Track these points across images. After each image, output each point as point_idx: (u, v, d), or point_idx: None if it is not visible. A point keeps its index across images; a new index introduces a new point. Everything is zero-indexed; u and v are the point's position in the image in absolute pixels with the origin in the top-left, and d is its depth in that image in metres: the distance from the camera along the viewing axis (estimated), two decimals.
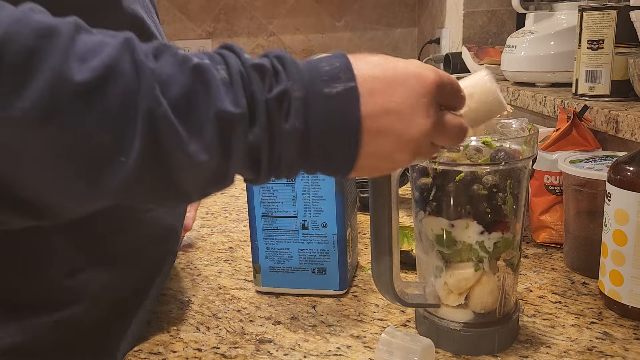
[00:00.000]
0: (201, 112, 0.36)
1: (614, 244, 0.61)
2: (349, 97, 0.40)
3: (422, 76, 0.43)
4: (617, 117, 0.83)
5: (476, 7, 1.59)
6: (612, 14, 0.91)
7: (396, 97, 0.41)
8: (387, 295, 0.55)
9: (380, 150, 0.42)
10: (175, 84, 0.36)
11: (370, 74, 0.41)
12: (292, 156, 0.40)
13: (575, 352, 0.56)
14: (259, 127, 0.38)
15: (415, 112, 0.42)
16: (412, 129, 0.42)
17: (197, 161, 0.36)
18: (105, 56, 0.34)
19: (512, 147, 0.53)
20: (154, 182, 0.37)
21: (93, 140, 0.34)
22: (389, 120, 0.41)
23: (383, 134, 0.41)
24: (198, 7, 1.97)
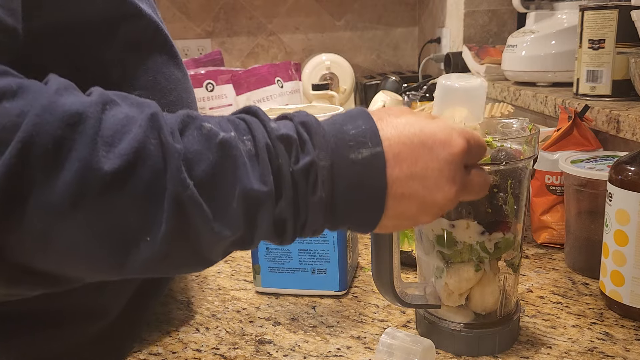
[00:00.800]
0: (227, 190, 0.36)
1: (615, 245, 0.60)
2: (375, 163, 0.40)
3: (449, 144, 0.42)
4: (618, 117, 0.82)
5: (477, 6, 1.58)
6: (613, 14, 0.91)
7: (422, 163, 0.41)
8: (388, 295, 0.55)
9: (404, 213, 0.42)
10: (202, 161, 0.35)
11: (397, 139, 0.41)
12: (319, 224, 0.40)
13: (576, 353, 0.55)
14: (285, 201, 0.38)
15: (440, 179, 0.42)
16: (436, 196, 0.42)
17: (221, 237, 0.37)
18: (132, 140, 0.34)
19: (513, 147, 0.53)
20: (179, 258, 0.37)
21: (120, 224, 0.34)
22: (414, 186, 0.41)
23: (407, 199, 0.41)
24: (197, 6, 1.97)
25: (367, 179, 0.40)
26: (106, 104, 0.35)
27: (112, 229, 0.34)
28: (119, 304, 0.57)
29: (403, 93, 1.65)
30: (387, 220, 0.42)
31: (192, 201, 0.35)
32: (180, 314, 0.66)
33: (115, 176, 0.33)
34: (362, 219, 0.42)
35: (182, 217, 0.35)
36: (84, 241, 0.34)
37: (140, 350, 0.59)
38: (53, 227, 0.33)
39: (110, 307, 0.56)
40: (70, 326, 0.53)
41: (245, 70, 1.35)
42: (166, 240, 0.35)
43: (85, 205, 0.33)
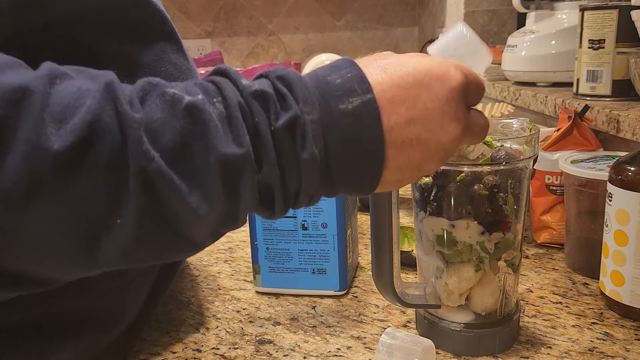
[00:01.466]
0: (200, 159, 0.32)
1: (615, 244, 0.60)
2: (368, 111, 0.36)
3: (447, 78, 0.39)
4: (618, 117, 0.82)
5: (477, 6, 1.59)
6: (613, 14, 0.91)
7: (421, 104, 0.38)
8: (388, 295, 0.55)
9: (408, 163, 0.39)
10: (167, 131, 0.32)
11: (389, 82, 0.37)
12: (315, 187, 0.36)
13: (576, 353, 0.55)
14: (267, 164, 0.34)
15: (443, 119, 0.38)
16: (441, 138, 0.39)
17: (200, 213, 0.33)
18: (85, 113, 0.30)
19: (513, 147, 0.53)
20: (158, 241, 0.34)
21: (84, 209, 0.31)
22: (415, 130, 0.38)
23: (409, 146, 0.38)
24: (198, 6, 1.97)
25: (361, 130, 0.36)
26: (56, 77, 0.31)
27: (76, 216, 0.31)
28: (136, 306, 0.56)
29: None
30: (389, 174, 0.38)
31: (160, 175, 0.31)
32: (180, 314, 0.66)
33: (67, 155, 0.29)
34: (361, 177, 0.38)
35: (151, 194, 0.31)
36: (48, 232, 0.31)
37: (140, 350, 0.59)
38: (10, 220, 0.30)
39: (129, 310, 0.55)
40: (86, 335, 0.51)
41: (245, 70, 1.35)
42: (138, 222, 0.31)
43: (40, 192, 0.29)
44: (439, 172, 0.53)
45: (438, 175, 0.53)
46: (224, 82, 0.35)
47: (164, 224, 0.33)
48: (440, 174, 0.53)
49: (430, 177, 0.54)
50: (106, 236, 0.32)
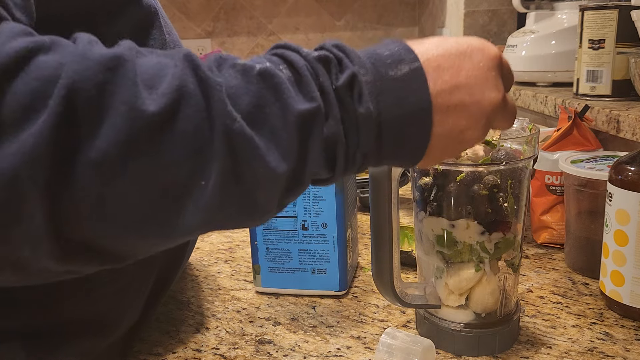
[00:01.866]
0: (276, 119, 0.34)
1: (615, 244, 0.60)
2: (416, 77, 0.38)
3: (486, 49, 0.42)
4: (618, 117, 0.82)
5: (477, 6, 1.59)
6: (613, 14, 0.91)
7: (465, 72, 0.40)
8: (388, 295, 0.55)
9: (453, 129, 0.40)
10: (245, 94, 0.34)
11: (434, 52, 0.40)
12: (369, 144, 0.38)
13: (576, 353, 0.55)
14: (333, 119, 0.36)
15: (485, 85, 0.41)
16: (484, 103, 0.41)
17: (279, 172, 0.34)
18: (171, 79, 0.32)
19: (513, 147, 0.53)
20: (236, 204, 0.35)
21: (173, 170, 0.32)
22: (460, 95, 0.40)
23: (454, 111, 0.40)
24: (197, 6, 1.97)
25: (410, 94, 0.38)
26: (138, 52, 0.34)
27: (166, 179, 0.32)
28: (136, 308, 0.56)
29: None
30: (435, 140, 0.39)
31: (242, 135, 0.33)
32: (180, 314, 0.66)
33: (162, 117, 0.31)
34: (410, 141, 0.39)
35: (234, 154, 0.33)
36: (140, 192, 0.32)
37: (140, 350, 0.59)
38: (108, 182, 0.31)
39: (129, 312, 0.55)
40: (86, 338, 0.51)
41: None
42: (221, 183, 0.33)
43: (137, 154, 0.31)
44: (439, 172, 0.53)
45: (438, 175, 0.53)
46: (287, 52, 0.37)
47: (242, 184, 0.34)
48: (440, 174, 0.53)
49: (430, 177, 0.54)
50: (190, 199, 0.33)
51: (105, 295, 0.52)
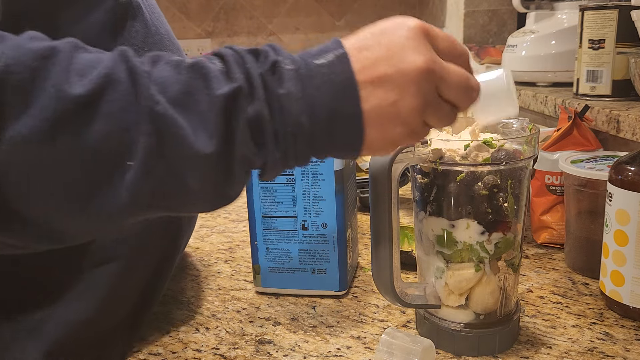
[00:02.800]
0: (202, 102, 0.37)
1: (615, 244, 0.60)
2: (340, 61, 0.41)
3: (405, 22, 0.43)
4: (618, 117, 0.82)
5: (477, 6, 1.59)
6: (613, 14, 0.91)
7: (384, 46, 0.42)
8: (388, 295, 0.55)
9: (383, 102, 0.41)
10: (174, 83, 0.37)
11: (357, 37, 0.43)
12: (295, 123, 0.39)
13: (576, 353, 0.55)
14: (258, 99, 0.38)
15: (404, 52, 0.41)
16: (406, 69, 0.41)
17: (202, 152, 0.37)
18: (101, 68, 0.36)
19: (513, 147, 0.53)
20: (164, 185, 0.37)
21: (100, 148, 0.35)
22: (381, 67, 0.41)
23: (380, 84, 0.41)
24: (197, 6, 1.97)
25: (334, 76, 0.40)
26: (79, 47, 0.37)
27: (92, 154, 0.35)
28: (129, 302, 0.58)
29: None
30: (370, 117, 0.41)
31: (166, 116, 0.36)
32: (180, 314, 0.66)
33: (87, 99, 0.35)
34: (341, 119, 0.40)
35: (159, 134, 0.36)
36: (67, 169, 0.35)
37: (140, 350, 0.59)
38: (35, 157, 0.34)
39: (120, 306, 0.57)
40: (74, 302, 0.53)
41: None
42: (147, 163, 0.36)
43: (61, 130, 0.34)
44: (439, 172, 0.53)
45: (438, 175, 0.53)
46: (223, 50, 0.41)
47: (169, 165, 0.37)
48: (440, 173, 0.53)
49: (430, 177, 0.54)
50: (116, 178, 0.36)
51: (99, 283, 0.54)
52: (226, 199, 0.41)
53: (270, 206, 0.67)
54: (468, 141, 0.52)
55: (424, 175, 0.54)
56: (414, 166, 0.55)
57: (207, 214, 1.02)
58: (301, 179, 0.65)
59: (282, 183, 0.65)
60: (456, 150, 0.52)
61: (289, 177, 0.65)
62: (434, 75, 0.42)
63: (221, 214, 1.02)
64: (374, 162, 0.52)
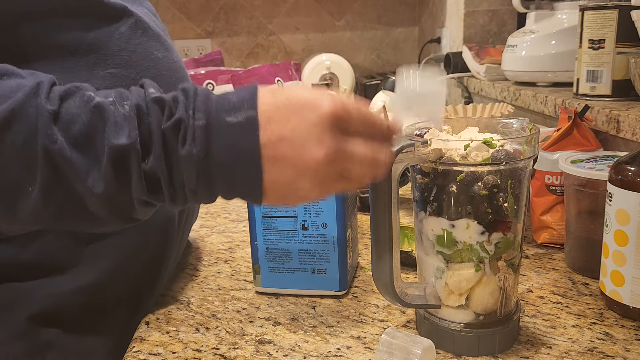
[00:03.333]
0: (97, 147, 0.41)
1: (615, 244, 0.60)
2: (248, 126, 0.42)
3: (315, 105, 0.43)
4: (618, 117, 0.82)
5: (477, 6, 1.59)
6: (613, 14, 0.91)
7: (290, 125, 0.42)
8: (388, 295, 0.55)
9: (282, 178, 0.43)
10: (77, 122, 0.41)
11: (271, 103, 0.43)
12: (193, 182, 0.42)
13: (576, 353, 0.55)
14: (154, 156, 0.41)
15: (307, 140, 0.42)
16: (305, 157, 0.42)
17: (95, 191, 0.41)
18: (12, 101, 0.40)
19: (513, 147, 0.53)
20: (64, 209, 0.42)
21: (6, 172, 0.41)
22: (284, 148, 0.42)
23: (280, 162, 0.42)
24: (197, 6, 1.97)
25: (241, 141, 0.42)
26: (3, 75, 0.42)
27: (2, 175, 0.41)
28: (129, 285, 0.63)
29: None
30: (269, 186, 0.43)
31: (61, 154, 0.40)
32: (180, 314, 0.66)
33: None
34: (242, 184, 0.43)
35: (54, 169, 0.40)
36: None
37: (140, 350, 0.59)
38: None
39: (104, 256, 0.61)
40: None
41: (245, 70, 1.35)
42: (45, 192, 0.41)
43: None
44: (439, 172, 0.53)
45: (438, 175, 0.53)
46: (137, 90, 0.43)
47: (67, 195, 0.41)
48: (440, 173, 0.53)
49: (430, 177, 0.54)
50: (22, 198, 0.41)
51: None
52: (134, 221, 0.45)
53: (270, 206, 0.67)
54: (468, 141, 0.52)
55: (424, 175, 0.54)
56: (414, 166, 0.55)
57: (207, 214, 1.02)
58: None
59: None
60: (456, 150, 0.52)
61: None
62: (335, 164, 0.43)
63: (221, 214, 1.02)
64: None
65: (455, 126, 0.58)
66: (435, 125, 0.52)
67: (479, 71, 1.40)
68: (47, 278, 0.57)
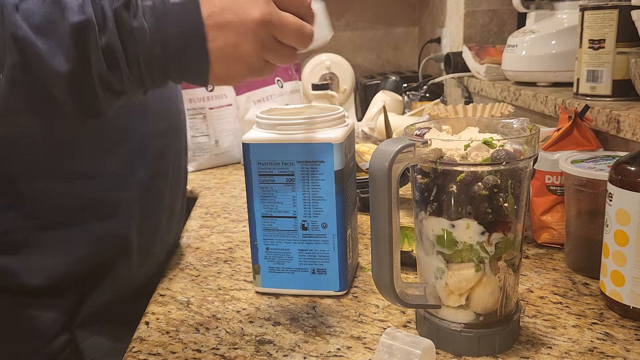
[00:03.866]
0: (59, 30, 0.45)
1: (615, 245, 0.60)
2: (191, 4, 0.48)
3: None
4: (619, 117, 0.82)
5: (477, 6, 1.58)
6: (613, 13, 0.91)
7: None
8: (388, 296, 0.55)
9: (226, 44, 0.49)
10: (37, 14, 0.45)
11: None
12: (147, 54, 0.47)
13: (576, 353, 0.55)
14: (110, 31, 0.46)
15: (245, 5, 0.49)
16: (245, 19, 0.49)
17: (61, 70, 0.45)
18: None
19: (513, 147, 0.53)
20: (30, 95, 0.46)
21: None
22: (226, 15, 0.49)
23: (223, 28, 0.49)
24: None
25: (185, 15, 0.48)
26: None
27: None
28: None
29: (403, 93, 1.65)
30: (215, 55, 0.49)
31: (27, 40, 0.44)
32: (180, 314, 0.66)
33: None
34: (191, 53, 0.49)
35: (21, 54, 0.44)
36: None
37: (140, 350, 0.59)
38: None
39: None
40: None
41: None
42: (13, 77, 0.45)
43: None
44: (439, 172, 0.53)
45: (438, 175, 0.53)
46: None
47: (33, 79, 0.45)
48: (441, 173, 0.53)
49: (430, 177, 0.54)
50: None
51: None
52: (96, 111, 0.49)
53: (270, 206, 0.67)
54: (468, 141, 0.52)
55: (424, 175, 0.54)
56: (414, 166, 0.55)
57: (207, 214, 1.02)
58: (301, 179, 0.65)
59: (282, 183, 0.65)
60: (456, 150, 0.52)
61: (289, 177, 0.65)
62: (270, 25, 0.50)
63: (221, 214, 1.02)
64: (374, 162, 0.52)
65: (455, 126, 0.58)
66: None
67: (479, 71, 1.40)
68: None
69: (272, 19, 0.50)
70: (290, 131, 0.65)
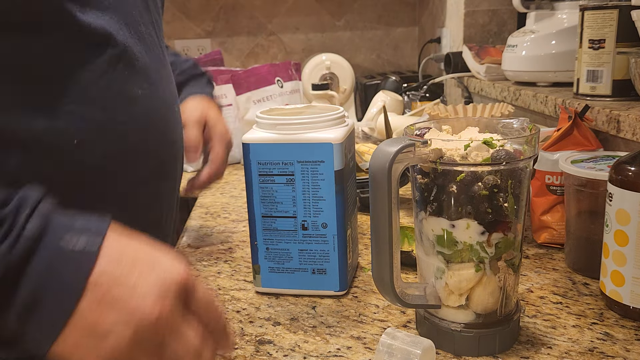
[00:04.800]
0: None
1: (615, 245, 0.60)
2: (87, 258, 0.39)
3: (174, 269, 0.40)
4: (619, 117, 0.82)
5: (477, 6, 1.58)
6: (613, 13, 0.91)
7: (137, 274, 0.39)
8: (388, 296, 0.55)
9: (96, 323, 0.38)
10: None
11: (122, 247, 0.40)
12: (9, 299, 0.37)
13: (576, 353, 0.55)
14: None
15: (148, 293, 0.39)
16: (137, 307, 0.38)
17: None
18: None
19: (513, 147, 0.53)
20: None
21: None
22: (119, 291, 0.38)
23: (108, 303, 0.38)
24: (197, 6, 1.97)
25: (72, 271, 0.38)
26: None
27: None
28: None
29: (403, 93, 1.65)
30: (71, 329, 0.38)
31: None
32: None
33: None
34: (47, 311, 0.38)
35: None
36: None
37: None
38: None
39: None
40: None
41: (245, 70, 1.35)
42: None
43: None
44: (439, 172, 0.53)
45: (438, 175, 0.53)
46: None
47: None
48: (441, 173, 0.53)
49: (430, 177, 0.54)
50: None
51: None
52: None
53: (270, 206, 0.67)
54: (468, 141, 0.52)
55: (424, 175, 0.54)
56: (414, 166, 0.55)
57: (207, 214, 1.02)
58: (301, 179, 0.65)
59: (282, 183, 0.65)
60: (456, 150, 0.52)
61: (289, 177, 0.65)
62: (162, 330, 0.39)
63: (221, 214, 1.02)
64: (374, 162, 0.52)
65: (455, 126, 0.58)
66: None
67: (479, 71, 1.40)
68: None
69: (167, 325, 0.39)
70: (290, 131, 0.65)
